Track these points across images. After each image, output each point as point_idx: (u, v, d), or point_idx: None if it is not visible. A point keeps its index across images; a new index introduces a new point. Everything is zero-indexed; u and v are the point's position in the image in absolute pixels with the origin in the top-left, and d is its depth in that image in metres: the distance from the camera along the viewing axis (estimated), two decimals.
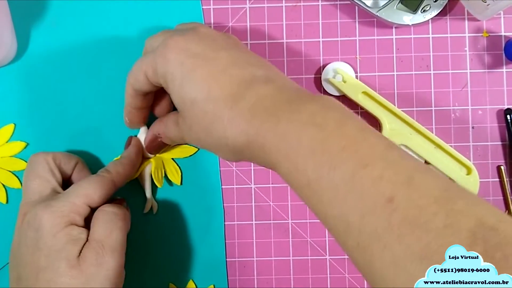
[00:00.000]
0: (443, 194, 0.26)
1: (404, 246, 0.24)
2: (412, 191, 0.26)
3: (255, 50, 0.50)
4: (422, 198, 0.26)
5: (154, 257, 0.50)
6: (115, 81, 0.50)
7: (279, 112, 0.33)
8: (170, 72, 0.37)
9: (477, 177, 0.48)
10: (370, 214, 0.26)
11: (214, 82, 0.35)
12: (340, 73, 0.49)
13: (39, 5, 0.50)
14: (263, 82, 0.36)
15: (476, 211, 0.25)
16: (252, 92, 0.35)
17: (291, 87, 0.36)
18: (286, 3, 0.50)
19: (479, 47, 0.50)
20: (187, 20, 0.50)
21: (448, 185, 0.27)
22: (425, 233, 0.24)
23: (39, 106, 0.50)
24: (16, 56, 0.50)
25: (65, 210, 0.39)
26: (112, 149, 0.50)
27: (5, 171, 0.50)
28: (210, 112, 0.35)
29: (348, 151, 0.29)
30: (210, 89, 0.35)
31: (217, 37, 0.40)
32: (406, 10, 0.48)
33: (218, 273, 0.50)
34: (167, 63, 0.37)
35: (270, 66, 0.39)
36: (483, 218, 0.25)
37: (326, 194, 0.28)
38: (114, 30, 0.50)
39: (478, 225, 0.24)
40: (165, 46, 0.38)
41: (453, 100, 0.50)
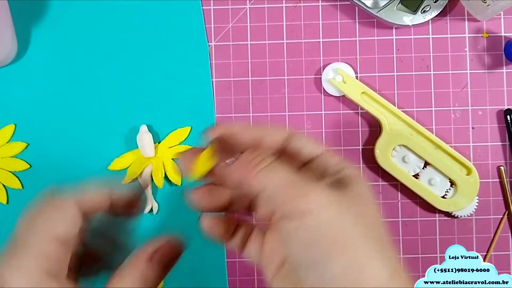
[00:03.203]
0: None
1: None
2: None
3: (255, 50, 0.50)
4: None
5: None
6: (115, 81, 0.50)
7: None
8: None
9: (477, 177, 0.48)
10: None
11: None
12: (340, 73, 0.49)
13: (39, 6, 0.50)
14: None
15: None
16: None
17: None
18: (286, 4, 0.50)
19: (479, 47, 0.50)
20: (187, 20, 0.50)
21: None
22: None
23: (39, 107, 0.50)
24: (17, 56, 0.50)
25: (32, 265, 0.27)
26: (112, 149, 0.50)
27: (6, 172, 0.50)
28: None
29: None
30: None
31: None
32: (406, 11, 0.48)
33: (218, 273, 0.50)
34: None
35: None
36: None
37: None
38: (114, 30, 0.50)
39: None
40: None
41: (453, 101, 0.50)
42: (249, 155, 0.28)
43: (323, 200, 0.25)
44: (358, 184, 0.28)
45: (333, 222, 0.25)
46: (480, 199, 0.49)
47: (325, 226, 0.25)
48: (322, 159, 0.30)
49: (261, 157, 0.27)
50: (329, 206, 0.25)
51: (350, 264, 0.25)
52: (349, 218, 0.25)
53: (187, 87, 0.50)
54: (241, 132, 0.30)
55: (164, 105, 0.50)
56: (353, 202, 0.27)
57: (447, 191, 0.49)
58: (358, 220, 0.26)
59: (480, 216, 0.50)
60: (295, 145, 0.30)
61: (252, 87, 0.50)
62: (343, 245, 0.25)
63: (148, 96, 0.50)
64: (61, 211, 0.29)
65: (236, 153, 0.29)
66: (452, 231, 0.50)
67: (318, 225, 0.25)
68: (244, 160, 0.28)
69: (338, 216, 0.25)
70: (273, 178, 0.26)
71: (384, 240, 0.27)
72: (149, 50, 0.50)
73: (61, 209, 0.29)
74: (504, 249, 0.50)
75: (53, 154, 0.50)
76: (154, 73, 0.50)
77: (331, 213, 0.25)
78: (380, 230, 0.27)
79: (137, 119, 0.50)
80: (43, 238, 0.28)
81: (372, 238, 0.25)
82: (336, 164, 0.29)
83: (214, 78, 0.50)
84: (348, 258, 0.25)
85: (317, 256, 0.25)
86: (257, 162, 0.27)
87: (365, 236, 0.25)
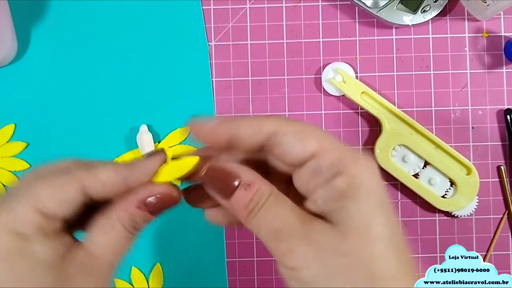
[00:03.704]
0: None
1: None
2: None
3: (255, 50, 0.50)
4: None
5: (154, 257, 0.50)
6: (115, 81, 0.50)
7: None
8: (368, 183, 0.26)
9: (477, 177, 0.48)
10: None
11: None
12: (340, 73, 0.49)
13: (39, 6, 0.50)
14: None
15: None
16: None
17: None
18: (286, 3, 0.50)
19: (479, 47, 0.50)
20: (187, 20, 0.50)
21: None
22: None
23: (39, 106, 0.50)
24: (17, 56, 0.50)
25: (9, 222, 0.26)
26: (112, 149, 0.50)
27: (6, 171, 0.50)
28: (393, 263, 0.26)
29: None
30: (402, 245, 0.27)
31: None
32: (406, 11, 0.48)
33: (218, 273, 0.50)
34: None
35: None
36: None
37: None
38: (114, 31, 0.50)
39: None
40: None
41: (453, 100, 0.50)
42: (243, 196, 0.27)
43: (309, 258, 0.25)
44: (357, 195, 0.25)
45: (318, 276, 0.25)
46: (480, 199, 0.49)
47: (311, 280, 0.25)
48: (312, 163, 0.26)
49: (255, 201, 0.26)
50: (314, 264, 0.25)
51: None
52: (337, 275, 0.25)
53: (187, 87, 0.50)
54: (215, 130, 0.28)
55: (164, 105, 0.50)
56: (344, 239, 0.25)
57: (447, 191, 0.49)
58: (346, 273, 0.25)
59: (480, 216, 0.50)
60: (279, 148, 0.27)
61: (252, 87, 0.50)
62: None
63: (148, 96, 0.50)
64: (58, 191, 0.27)
65: (211, 155, 0.29)
66: (452, 231, 0.50)
67: (304, 279, 0.26)
68: (238, 200, 0.27)
69: (323, 275, 0.25)
70: (265, 224, 0.26)
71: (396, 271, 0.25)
72: (149, 50, 0.50)
73: (59, 188, 0.27)
74: (504, 249, 0.50)
75: (53, 154, 0.50)
76: (154, 73, 0.50)
77: (315, 271, 0.25)
78: (389, 253, 0.25)
79: (137, 119, 0.50)
80: (27, 205, 0.26)
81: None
82: (330, 167, 0.26)
83: (214, 78, 0.50)
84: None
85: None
86: (251, 206, 0.26)
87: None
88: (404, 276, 0.25)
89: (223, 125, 0.27)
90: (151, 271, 0.50)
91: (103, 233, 0.28)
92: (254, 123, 0.27)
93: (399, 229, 0.26)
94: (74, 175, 0.27)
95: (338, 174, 0.25)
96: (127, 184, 0.28)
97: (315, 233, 0.25)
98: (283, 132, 0.26)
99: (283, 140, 0.26)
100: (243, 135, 0.27)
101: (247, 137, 0.27)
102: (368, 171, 0.26)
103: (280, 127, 0.27)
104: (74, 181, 0.27)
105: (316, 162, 0.26)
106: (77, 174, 0.27)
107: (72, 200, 0.27)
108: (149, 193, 0.29)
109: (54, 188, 0.27)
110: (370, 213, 0.25)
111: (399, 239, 0.26)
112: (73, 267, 0.27)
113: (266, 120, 0.27)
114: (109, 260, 0.28)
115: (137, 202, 0.28)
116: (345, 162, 0.26)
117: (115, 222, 0.28)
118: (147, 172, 0.29)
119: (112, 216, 0.28)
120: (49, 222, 0.27)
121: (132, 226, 0.29)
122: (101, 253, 0.28)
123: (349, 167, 0.25)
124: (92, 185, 0.27)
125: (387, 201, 0.26)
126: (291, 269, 0.26)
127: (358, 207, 0.25)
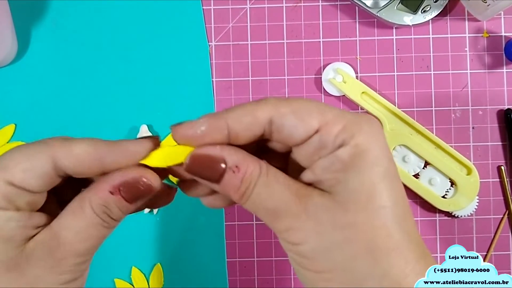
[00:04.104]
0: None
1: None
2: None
3: (256, 51, 0.50)
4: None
5: (154, 257, 0.50)
6: (115, 81, 0.50)
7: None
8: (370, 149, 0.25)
9: (478, 177, 0.48)
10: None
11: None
12: (340, 73, 0.49)
13: (40, 6, 0.50)
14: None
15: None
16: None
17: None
18: (286, 4, 0.50)
19: (479, 47, 0.50)
20: (187, 20, 0.50)
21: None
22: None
23: (39, 106, 0.50)
24: (17, 56, 0.50)
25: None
26: None
27: None
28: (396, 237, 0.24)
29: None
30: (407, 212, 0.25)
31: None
32: (406, 11, 0.48)
33: (218, 273, 0.50)
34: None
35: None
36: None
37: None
38: (114, 30, 0.50)
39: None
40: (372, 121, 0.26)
41: (453, 100, 0.50)
42: (232, 179, 0.25)
43: (308, 233, 0.25)
44: (360, 166, 0.24)
45: (318, 250, 0.25)
46: (480, 199, 0.49)
47: (312, 255, 0.25)
48: (316, 138, 0.25)
49: (246, 183, 0.25)
50: (314, 238, 0.25)
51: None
52: (337, 248, 0.24)
53: (187, 87, 0.50)
54: (205, 137, 0.25)
55: (164, 105, 0.50)
56: (345, 212, 0.24)
57: (447, 191, 0.49)
58: (348, 235, 0.24)
59: (480, 216, 0.50)
60: (281, 132, 0.25)
61: (252, 87, 0.50)
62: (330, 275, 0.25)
63: (148, 96, 0.50)
64: (26, 160, 0.25)
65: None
66: (452, 231, 0.50)
67: (305, 254, 0.25)
68: (228, 184, 0.25)
69: (323, 249, 0.25)
70: (260, 204, 0.25)
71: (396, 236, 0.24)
72: (149, 50, 0.50)
73: (28, 157, 0.25)
74: (504, 249, 0.50)
75: None
76: (154, 73, 0.50)
77: (315, 245, 0.25)
78: (394, 217, 0.24)
79: (137, 119, 0.50)
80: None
81: (373, 246, 0.24)
82: (334, 140, 0.24)
83: (214, 78, 0.50)
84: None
85: (307, 279, 0.26)
86: (243, 188, 0.25)
87: (354, 257, 0.24)
88: (407, 248, 0.24)
89: (212, 128, 0.25)
90: (151, 271, 0.50)
91: (72, 216, 0.26)
92: (246, 114, 0.25)
93: (403, 200, 0.25)
94: (46, 145, 0.26)
95: (342, 145, 0.24)
96: (103, 163, 0.26)
97: (314, 207, 0.25)
98: (281, 114, 0.25)
99: (283, 123, 0.25)
100: (237, 131, 0.25)
101: (242, 132, 0.25)
102: (372, 140, 0.25)
103: (276, 110, 0.25)
104: (45, 152, 0.25)
105: (320, 137, 0.24)
106: (50, 144, 0.26)
107: (41, 171, 0.25)
108: (121, 177, 0.26)
109: (23, 158, 0.25)
110: (373, 184, 0.24)
111: (403, 210, 0.25)
112: (34, 245, 0.26)
113: (259, 108, 0.25)
114: (75, 247, 0.26)
115: (110, 186, 0.25)
116: (349, 131, 0.24)
117: (85, 206, 0.26)
118: (127, 154, 0.26)
119: (84, 199, 0.26)
120: (20, 194, 0.25)
121: (105, 212, 0.26)
122: (66, 236, 0.25)
123: (353, 137, 0.24)
124: (63, 157, 0.25)
125: (392, 169, 0.25)
126: (292, 244, 0.25)
127: (361, 178, 0.24)
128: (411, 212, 0.26)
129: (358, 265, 0.24)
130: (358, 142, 0.24)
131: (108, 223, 0.26)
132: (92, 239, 0.26)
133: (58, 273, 0.26)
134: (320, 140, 0.24)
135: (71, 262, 0.26)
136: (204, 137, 0.25)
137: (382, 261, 0.24)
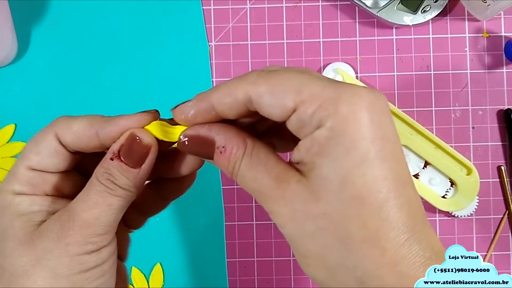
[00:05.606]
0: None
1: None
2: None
3: (256, 51, 0.50)
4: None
5: (154, 257, 0.50)
6: (115, 81, 0.50)
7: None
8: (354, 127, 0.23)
9: (478, 177, 0.48)
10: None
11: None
12: (340, 73, 0.49)
13: (39, 6, 0.50)
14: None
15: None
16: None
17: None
18: (286, 4, 0.50)
19: (479, 47, 0.50)
20: (187, 20, 0.50)
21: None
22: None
23: (39, 106, 0.50)
24: (17, 56, 0.50)
25: (9, 184, 0.27)
26: None
27: (6, 172, 0.50)
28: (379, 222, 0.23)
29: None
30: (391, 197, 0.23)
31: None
32: (406, 11, 0.48)
33: (218, 273, 0.50)
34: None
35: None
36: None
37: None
38: (114, 30, 0.50)
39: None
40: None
41: (453, 100, 0.50)
42: (221, 159, 0.26)
43: (285, 218, 0.25)
44: (334, 151, 0.23)
45: (295, 236, 0.25)
46: (480, 199, 0.49)
47: (290, 239, 0.25)
48: (294, 117, 0.24)
49: (232, 163, 0.26)
50: (290, 225, 0.25)
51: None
52: (310, 236, 0.24)
53: (187, 87, 0.50)
54: (196, 117, 0.27)
55: (164, 105, 0.50)
56: (316, 201, 0.24)
57: (447, 191, 0.49)
58: (322, 223, 0.24)
59: (480, 216, 0.50)
60: (261, 110, 0.24)
61: None
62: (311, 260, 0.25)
63: (148, 96, 0.50)
64: (37, 141, 0.28)
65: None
66: (452, 231, 0.50)
67: (286, 236, 0.25)
68: (218, 163, 0.26)
69: (298, 236, 0.25)
70: (246, 185, 0.26)
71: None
72: (149, 50, 0.50)
73: (37, 139, 0.28)
74: (504, 249, 0.50)
75: None
76: (154, 73, 0.50)
77: (291, 231, 0.25)
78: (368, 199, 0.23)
79: None
80: (21, 164, 0.28)
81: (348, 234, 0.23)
82: (311, 120, 0.23)
83: (214, 78, 0.50)
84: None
85: (297, 259, 0.26)
86: (230, 168, 0.26)
87: (334, 240, 0.24)
88: (385, 237, 0.23)
89: (200, 110, 0.26)
90: (152, 271, 0.50)
91: (82, 190, 0.27)
92: (227, 95, 0.25)
93: (388, 183, 0.23)
94: (51, 125, 0.28)
95: (319, 126, 0.23)
96: (99, 137, 0.27)
97: (290, 194, 0.24)
98: (257, 94, 0.24)
99: (259, 102, 0.24)
100: (222, 110, 0.25)
101: (227, 111, 0.25)
102: (351, 120, 0.23)
103: (253, 89, 0.24)
104: (49, 132, 0.28)
105: (297, 117, 0.23)
106: (54, 124, 0.28)
107: (50, 150, 0.28)
108: (118, 142, 0.27)
109: (34, 142, 0.28)
110: (347, 171, 0.23)
111: (386, 196, 0.23)
112: (48, 220, 0.27)
113: (239, 87, 0.25)
114: (81, 217, 0.26)
115: (110, 154, 0.27)
116: (325, 111, 0.23)
117: (92, 177, 0.27)
118: (119, 128, 0.28)
119: (93, 173, 0.27)
120: (43, 177, 0.28)
121: (108, 179, 0.27)
122: (75, 207, 0.26)
123: (330, 116, 0.23)
124: (65, 134, 0.27)
125: (377, 149, 0.23)
126: (277, 224, 0.26)
127: (333, 165, 0.23)
128: (404, 193, 0.23)
129: (330, 254, 0.24)
130: (332, 125, 0.23)
131: (113, 190, 0.27)
132: (98, 206, 0.26)
133: (65, 243, 0.26)
134: (298, 119, 0.24)
135: (78, 233, 0.26)
136: (195, 119, 0.27)
137: (355, 252, 0.23)
